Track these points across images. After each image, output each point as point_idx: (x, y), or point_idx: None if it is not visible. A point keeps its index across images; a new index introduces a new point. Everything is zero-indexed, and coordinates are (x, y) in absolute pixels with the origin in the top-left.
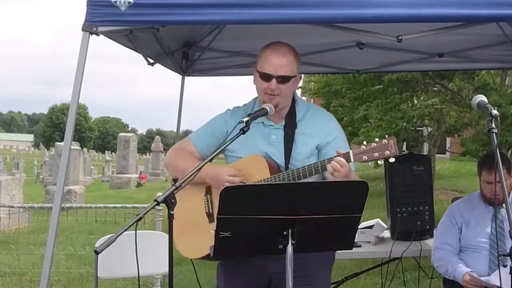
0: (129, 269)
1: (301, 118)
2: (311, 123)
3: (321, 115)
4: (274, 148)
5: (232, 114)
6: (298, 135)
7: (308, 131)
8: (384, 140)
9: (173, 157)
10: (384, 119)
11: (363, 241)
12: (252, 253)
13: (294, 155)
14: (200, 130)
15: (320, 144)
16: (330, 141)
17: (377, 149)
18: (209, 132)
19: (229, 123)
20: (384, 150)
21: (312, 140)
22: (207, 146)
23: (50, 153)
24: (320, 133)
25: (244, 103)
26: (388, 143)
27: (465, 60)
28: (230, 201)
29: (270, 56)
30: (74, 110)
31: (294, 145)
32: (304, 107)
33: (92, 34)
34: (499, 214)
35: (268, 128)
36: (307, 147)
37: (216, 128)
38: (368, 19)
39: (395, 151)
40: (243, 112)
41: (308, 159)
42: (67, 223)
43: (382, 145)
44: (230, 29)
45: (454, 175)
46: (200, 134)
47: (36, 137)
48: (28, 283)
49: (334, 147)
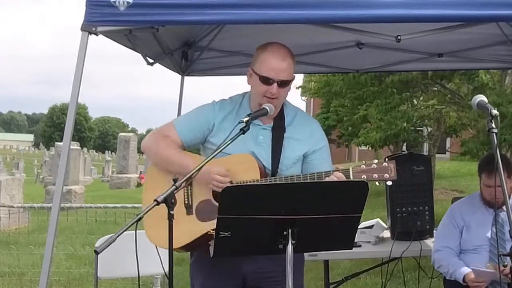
0: (129, 269)
1: (289, 123)
2: (300, 129)
3: (309, 122)
4: (262, 149)
5: (220, 107)
6: (287, 140)
7: (297, 137)
8: (384, 163)
9: (155, 143)
10: (384, 119)
11: (363, 241)
12: (252, 253)
13: (282, 159)
14: (185, 119)
15: (308, 151)
16: (316, 149)
17: (377, 171)
18: (196, 123)
19: (217, 116)
20: (384, 172)
21: (301, 146)
22: (191, 138)
23: (50, 153)
24: (309, 140)
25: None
26: (388, 167)
27: (465, 60)
28: (230, 201)
29: (271, 60)
30: (74, 110)
31: (283, 149)
32: (292, 112)
33: (91, 34)
34: (499, 217)
35: (256, 128)
36: (295, 153)
37: (203, 120)
38: (368, 19)
39: (394, 175)
40: (230, 106)
41: (294, 164)
42: (67, 223)
43: (382, 167)
44: (230, 29)
45: (454, 175)
46: (186, 125)
47: (36, 137)
48: (28, 283)
49: (320, 156)
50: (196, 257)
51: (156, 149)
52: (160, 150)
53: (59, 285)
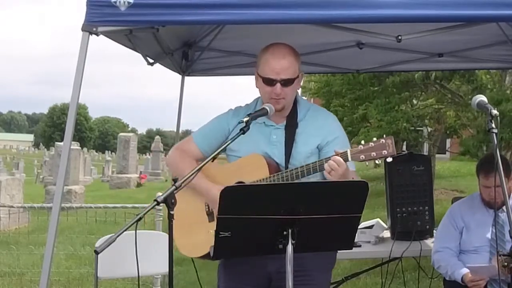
0: (129, 269)
1: (302, 118)
2: (311, 122)
3: (321, 114)
4: (275, 148)
5: (234, 114)
6: (299, 135)
7: (309, 131)
8: (382, 139)
9: (174, 157)
10: (384, 119)
11: (363, 241)
12: (252, 253)
13: (294, 154)
14: (202, 129)
15: (321, 143)
16: (330, 140)
17: (374, 149)
18: (211, 132)
19: (231, 122)
20: (382, 149)
21: (313, 140)
22: (209, 146)
23: (50, 153)
24: (321, 133)
25: (246, 103)
26: (386, 143)
27: (465, 60)
28: (230, 201)
29: (271, 60)
30: (74, 110)
31: (295, 145)
32: (305, 107)
33: (92, 34)
34: (500, 218)
35: (269, 128)
36: (307, 147)
37: (218, 128)
38: (368, 19)
39: (393, 151)
40: (245, 112)
41: (309, 158)
42: (67, 223)
43: (379, 144)
44: (230, 29)
45: (454, 175)
46: (202, 134)
47: (36, 137)
48: (28, 283)
49: (334, 147)
50: (223, 260)
51: (176, 164)
52: (179, 165)
53: (59, 285)
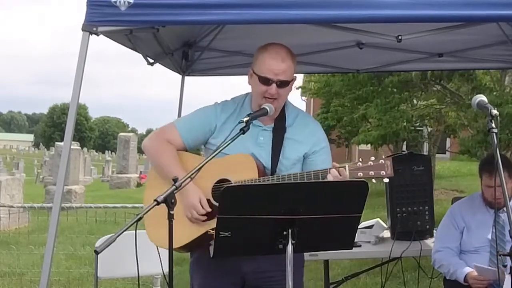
0: (129, 269)
1: (290, 124)
2: (300, 129)
3: (310, 122)
4: (262, 150)
5: (222, 109)
6: (287, 140)
7: (297, 138)
8: (381, 160)
9: (154, 145)
10: (383, 118)
11: (363, 241)
12: (252, 253)
13: (281, 160)
14: (187, 120)
15: (308, 152)
16: (317, 150)
17: (373, 168)
18: (198, 125)
19: (219, 117)
20: (380, 169)
21: (301, 147)
22: (193, 139)
23: (50, 153)
24: (309, 141)
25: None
26: (385, 164)
27: (465, 60)
28: (230, 201)
29: (270, 61)
30: (74, 110)
31: (283, 150)
32: (294, 113)
33: (92, 34)
34: (500, 218)
35: (257, 129)
36: (295, 154)
37: (206, 122)
38: (368, 19)
39: (391, 173)
40: (233, 107)
41: (294, 165)
42: (67, 223)
43: (378, 164)
44: (230, 29)
45: (454, 175)
46: (188, 127)
47: (36, 137)
48: (28, 283)
49: (320, 157)
50: (195, 257)
51: (153, 153)
52: (157, 154)
53: (59, 285)
